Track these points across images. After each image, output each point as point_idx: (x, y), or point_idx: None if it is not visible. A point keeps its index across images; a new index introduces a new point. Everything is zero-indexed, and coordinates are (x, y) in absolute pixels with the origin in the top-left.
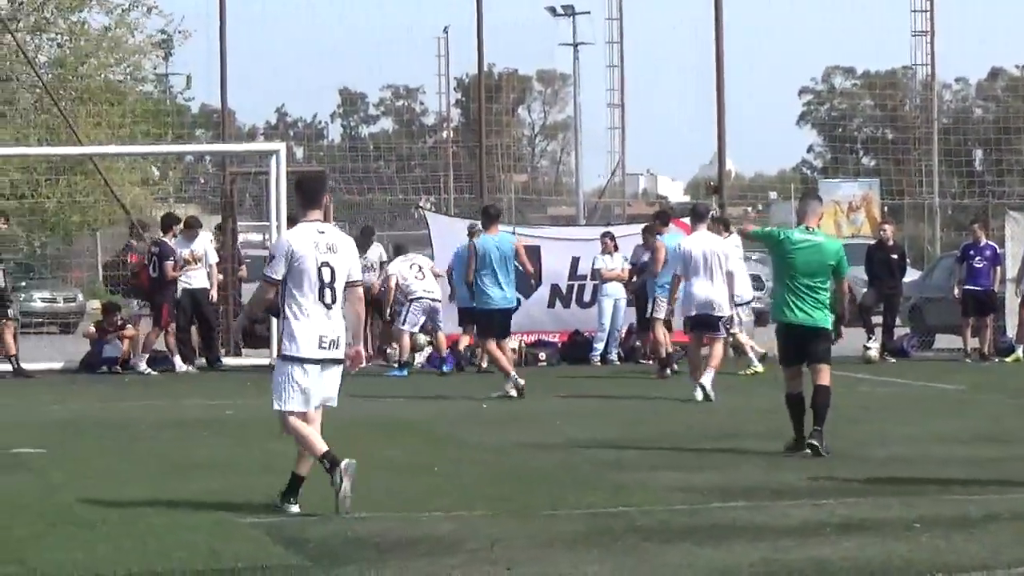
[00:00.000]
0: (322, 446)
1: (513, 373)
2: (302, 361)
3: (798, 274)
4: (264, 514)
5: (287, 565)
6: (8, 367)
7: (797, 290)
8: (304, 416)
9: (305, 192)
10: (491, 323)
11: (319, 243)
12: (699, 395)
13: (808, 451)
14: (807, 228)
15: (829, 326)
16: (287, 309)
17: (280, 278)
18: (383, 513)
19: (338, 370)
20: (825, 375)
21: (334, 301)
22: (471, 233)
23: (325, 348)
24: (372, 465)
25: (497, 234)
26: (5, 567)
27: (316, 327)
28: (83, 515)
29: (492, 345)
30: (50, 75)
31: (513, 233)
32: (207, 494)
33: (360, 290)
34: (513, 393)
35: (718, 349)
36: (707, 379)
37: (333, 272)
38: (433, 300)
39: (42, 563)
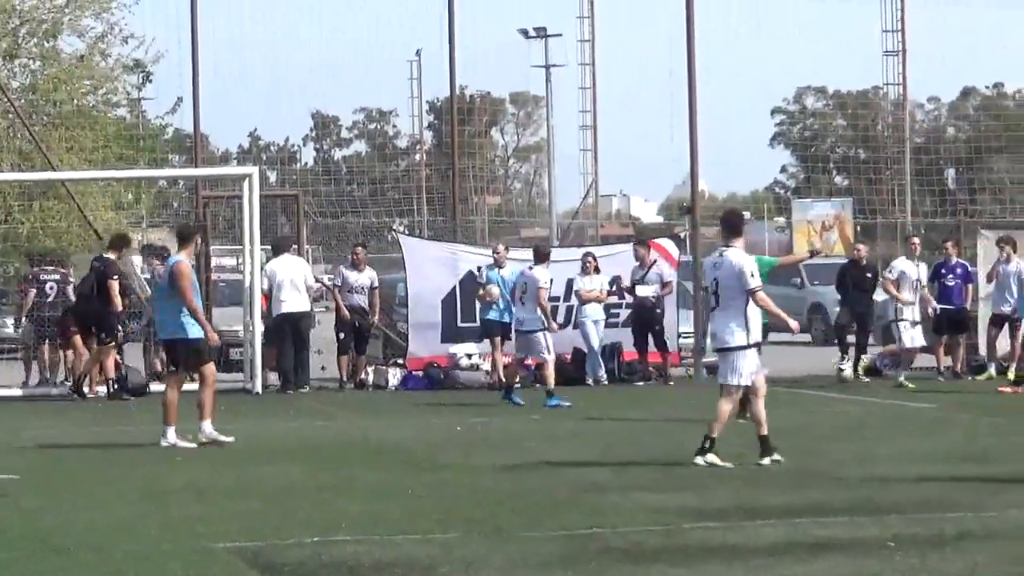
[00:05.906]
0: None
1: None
2: None
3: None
4: (240, 539)
5: None
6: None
7: None
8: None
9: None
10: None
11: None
12: None
13: None
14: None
15: None
16: None
17: None
18: (358, 536)
19: None
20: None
21: None
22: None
23: None
24: (347, 488)
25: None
26: None
27: None
28: (58, 542)
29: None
30: (22, 100)
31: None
32: (183, 520)
33: None
34: None
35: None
36: None
37: None
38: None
39: None
